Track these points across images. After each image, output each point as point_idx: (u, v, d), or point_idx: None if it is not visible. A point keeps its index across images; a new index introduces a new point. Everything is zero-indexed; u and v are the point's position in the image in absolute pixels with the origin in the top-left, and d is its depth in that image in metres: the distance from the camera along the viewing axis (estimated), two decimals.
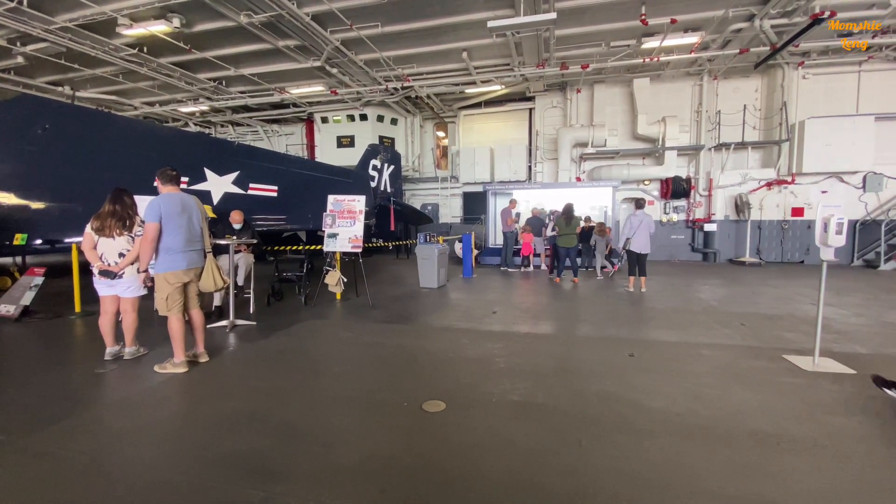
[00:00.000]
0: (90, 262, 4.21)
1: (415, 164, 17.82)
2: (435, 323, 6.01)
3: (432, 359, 4.47)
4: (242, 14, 9.62)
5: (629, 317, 6.40)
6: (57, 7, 9.47)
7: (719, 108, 13.70)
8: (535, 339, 5.15)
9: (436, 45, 11.54)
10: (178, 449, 2.73)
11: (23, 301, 6.27)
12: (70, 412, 3.24)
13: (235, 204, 7.82)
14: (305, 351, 4.91)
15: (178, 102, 15.91)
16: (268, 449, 2.72)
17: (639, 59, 11.84)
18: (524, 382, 3.75)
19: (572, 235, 9.25)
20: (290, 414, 3.22)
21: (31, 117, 7.91)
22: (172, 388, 3.74)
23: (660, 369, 4.15)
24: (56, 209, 7.40)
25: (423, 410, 3.23)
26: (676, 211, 14.15)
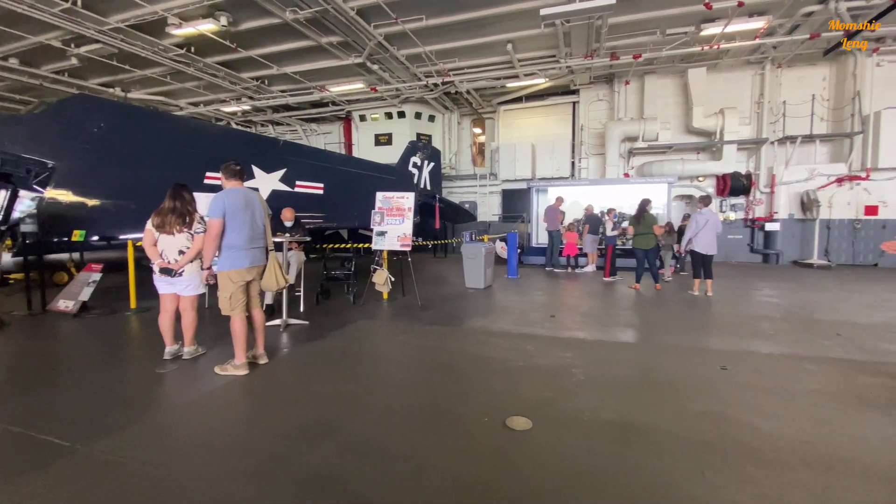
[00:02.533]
0: (150, 259, 4.10)
1: (452, 162, 17.52)
2: (492, 327, 5.67)
3: (500, 367, 4.13)
4: (288, 10, 9.56)
5: (704, 323, 5.87)
6: (109, 7, 9.66)
7: (783, 98, 12.72)
8: (609, 347, 4.73)
9: (479, 37, 11.17)
10: (253, 465, 2.50)
11: (81, 297, 6.34)
12: (135, 417, 3.09)
13: (283, 201, 7.71)
14: (363, 354, 4.68)
15: (222, 102, 16.18)
16: (349, 469, 2.45)
17: (696, 47, 11.09)
18: (613, 398, 3.36)
19: (650, 235, 8.22)
20: (363, 426, 2.95)
21: (87, 116, 8.08)
22: (235, 392, 3.56)
23: (764, 386, 3.67)
24: (111, 206, 7.50)
25: (509, 428, 2.90)
26: (734, 209, 13.26)
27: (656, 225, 8.44)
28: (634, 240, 8.46)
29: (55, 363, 4.46)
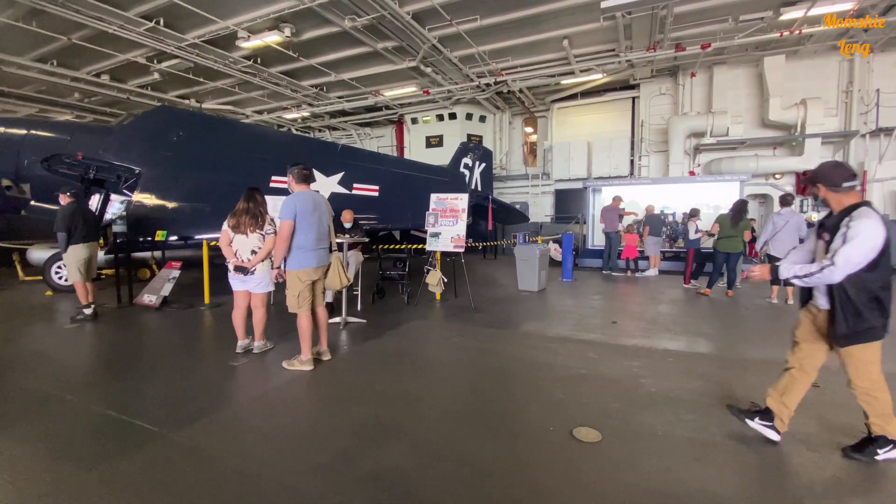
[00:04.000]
0: (226, 258, 4.36)
1: (502, 162, 17.35)
2: (549, 332, 5.51)
3: (561, 374, 3.99)
4: (347, 18, 9.86)
5: (786, 335, 5.32)
6: (187, 25, 10.46)
7: (876, 86, 11.42)
8: (680, 357, 4.44)
9: (534, 34, 10.96)
10: (322, 459, 2.56)
11: (163, 292, 6.88)
12: (213, 406, 3.28)
13: (341, 204, 7.97)
14: (421, 354, 4.70)
15: (283, 109, 17.05)
16: (413, 470, 2.45)
17: (774, 33, 10.21)
18: (689, 413, 3.14)
19: (738, 239, 7.66)
20: (426, 428, 2.95)
21: (167, 126, 8.79)
22: (302, 387, 3.69)
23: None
24: (188, 208, 8.09)
25: (576, 439, 2.78)
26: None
27: (747, 230, 7.81)
28: (719, 242, 7.77)
29: (143, 353, 4.86)
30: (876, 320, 2.38)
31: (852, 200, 2.45)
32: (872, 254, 2.30)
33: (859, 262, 2.29)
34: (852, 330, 2.41)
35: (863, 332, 2.41)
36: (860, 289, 2.36)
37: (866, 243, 2.28)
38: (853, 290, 2.37)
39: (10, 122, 9.65)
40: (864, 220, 2.30)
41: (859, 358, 2.50)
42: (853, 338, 2.43)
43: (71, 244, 5.93)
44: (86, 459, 2.55)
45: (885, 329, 2.43)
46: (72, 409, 3.29)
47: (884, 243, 2.31)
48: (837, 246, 2.33)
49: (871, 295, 2.36)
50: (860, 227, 2.28)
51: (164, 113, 9.77)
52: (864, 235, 2.27)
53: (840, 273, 2.31)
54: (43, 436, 2.86)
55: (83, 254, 5.98)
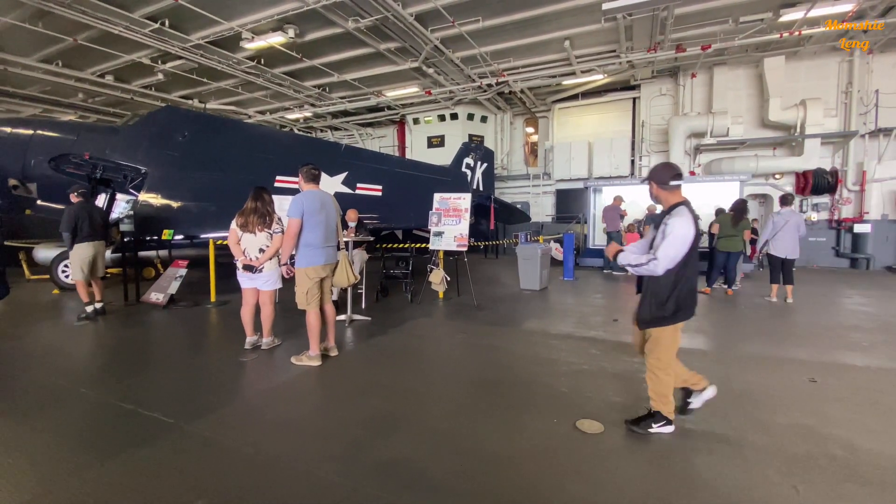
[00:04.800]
0: (235, 256, 4.45)
1: (504, 162, 17.42)
2: (551, 329, 5.60)
3: (564, 370, 4.08)
4: (350, 20, 9.94)
5: (785, 332, 5.45)
6: (192, 26, 10.54)
7: (875, 87, 11.49)
8: (681, 354, 4.43)
9: (536, 35, 11.03)
10: (334, 449, 2.65)
11: (170, 290, 6.97)
12: (225, 400, 3.37)
13: (345, 203, 8.03)
14: (425, 351, 4.79)
15: (286, 110, 17.12)
16: (423, 459, 2.54)
17: (774, 34, 10.28)
18: None
19: (738, 239, 7.76)
20: (433, 420, 3.04)
21: (173, 126, 8.88)
22: (311, 381, 3.79)
23: (857, 400, 3.37)
24: (194, 208, 8.18)
25: (580, 430, 2.87)
26: (817, 209, 12.15)
27: (747, 230, 7.88)
28: (720, 242, 7.87)
29: (152, 349, 4.96)
30: (673, 308, 2.66)
31: (677, 199, 2.70)
32: (685, 248, 2.56)
33: (675, 256, 2.55)
34: (654, 315, 2.70)
35: (662, 318, 2.69)
36: (666, 280, 2.63)
37: (679, 240, 2.53)
38: (660, 281, 2.64)
39: (17, 123, 9.75)
40: (678, 218, 2.57)
41: (657, 339, 2.76)
42: (653, 322, 2.72)
43: (76, 243, 6.00)
44: (105, 449, 2.65)
45: (682, 317, 2.70)
46: (87, 402, 3.38)
47: (693, 240, 2.58)
48: (658, 242, 2.59)
49: (674, 286, 2.63)
50: (674, 225, 2.54)
51: (170, 113, 9.86)
52: (676, 233, 2.53)
53: (663, 266, 2.56)
54: (61, 427, 2.96)
55: (87, 253, 6.03)
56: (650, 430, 2.78)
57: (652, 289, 2.70)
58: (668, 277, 2.62)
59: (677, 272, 2.61)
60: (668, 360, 2.78)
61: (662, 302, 2.66)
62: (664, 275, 2.61)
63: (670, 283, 2.63)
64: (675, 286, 2.64)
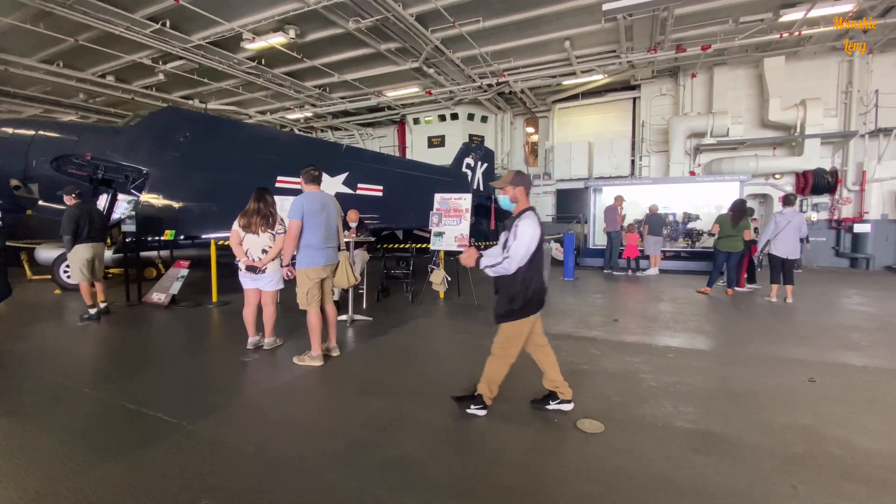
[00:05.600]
0: (237, 257, 4.47)
1: (504, 162, 17.43)
2: (552, 329, 5.60)
3: (564, 369, 3.99)
4: (351, 20, 9.96)
5: (785, 332, 5.47)
6: (193, 26, 10.56)
7: (875, 87, 11.50)
8: (681, 354, 4.54)
9: (536, 35, 11.05)
10: (337, 448, 2.68)
11: (172, 290, 7.00)
12: (228, 400, 3.40)
13: (346, 203, 8.05)
14: (426, 351, 4.81)
15: (286, 110, 17.14)
16: (424, 457, 2.56)
17: (774, 34, 10.29)
18: (689, 406, 3.25)
19: (739, 238, 7.75)
20: (434, 419, 3.07)
21: (174, 127, 8.89)
22: (313, 381, 3.81)
23: (856, 399, 3.40)
24: (196, 208, 8.19)
25: (580, 430, 2.89)
26: (817, 209, 12.16)
27: (747, 229, 7.88)
28: (720, 242, 7.83)
29: (155, 349, 4.98)
30: (522, 303, 2.91)
31: (528, 205, 3.00)
32: (532, 247, 2.83)
33: (524, 256, 2.83)
34: (506, 310, 2.95)
35: (513, 312, 2.94)
36: (514, 279, 2.88)
37: (525, 241, 2.81)
38: (511, 279, 2.88)
39: (19, 123, 9.77)
40: (527, 220, 2.86)
41: (504, 332, 3.03)
42: (506, 316, 2.97)
43: (76, 244, 5.95)
44: (109, 448, 2.67)
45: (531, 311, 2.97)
46: (91, 402, 3.41)
47: (537, 243, 2.85)
48: (511, 242, 2.85)
49: (522, 282, 2.88)
50: (523, 227, 2.83)
51: (171, 114, 9.88)
52: (524, 235, 2.81)
53: (514, 265, 2.83)
54: (65, 427, 2.98)
55: (87, 254, 5.99)
56: (468, 410, 3.06)
57: (504, 286, 2.94)
58: (517, 275, 2.87)
59: (525, 270, 2.87)
60: (513, 352, 3.02)
61: (513, 297, 2.90)
62: (515, 273, 2.86)
63: (519, 280, 2.88)
64: (524, 283, 2.89)
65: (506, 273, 2.87)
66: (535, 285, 2.93)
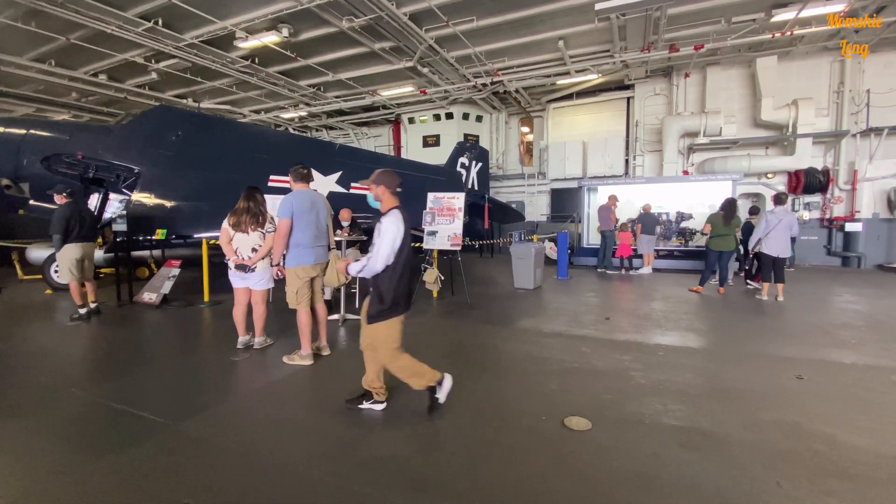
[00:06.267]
0: (226, 255, 4.44)
1: (499, 161, 17.46)
2: (544, 327, 5.62)
3: (554, 367, 4.11)
4: (344, 19, 9.93)
5: (775, 330, 5.50)
6: (185, 25, 10.50)
7: (867, 86, 11.58)
8: (671, 352, 4.56)
9: (530, 35, 11.06)
10: (324, 447, 2.67)
11: (163, 290, 6.96)
12: (217, 399, 3.38)
13: (340, 203, 8.05)
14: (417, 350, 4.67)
15: (281, 109, 17.07)
16: (412, 457, 2.56)
17: (766, 34, 10.35)
18: (677, 404, 3.25)
19: (731, 237, 7.78)
20: (422, 418, 3.06)
21: (166, 126, 8.84)
22: (303, 380, 3.80)
23: (843, 397, 3.42)
24: (187, 207, 8.16)
25: (568, 428, 2.89)
26: (808, 208, 12.23)
27: (739, 227, 7.93)
28: (712, 241, 7.86)
29: (145, 349, 4.94)
30: (391, 302, 2.92)
31: (394, 204, 2.98)
32: (397, 244, 2.84)
33: (389, 254, 2.83)
34: (378, 310, 2.93)
35: (383, 312, 2.93)
36: (382, 279, 2.89)
37: (388, 239, 2.81)
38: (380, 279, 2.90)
39: (10, 122, 9.69)
40: (391, 219, 2.86)
41: (377, 332, 2.99)
42: (378, 316, 2.94)
43: (66, 243, 5.87)
44: (96, 448, 2.65)
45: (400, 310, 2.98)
46: (79, 402, 3.38)
47: (402, 241, 2.87)
48: (376, 241, 2.86)
49: (390, 282, 2.90)
50: (385, 225, 2.84)
51: (163, 112, 9.83)
52: (387, 232, 2.82)
53: (380, 262, 2.84)
54: (52, 426, 2.96)
55: (76, 253, 5.92)
56: (361, 405, 3.16)
57: (374, 286, 2.94)
58: (385, 274, 2.88)
59: (392, 269, 2.89)
60: (392, 351, 3.02)
61: (382, 296, 2.91)
62: (383, 273, 2.88)
63: (387, 279, 2.89)
64: (392, 282, 2.90)
65: (374, 272, 2.88)
66: (404, 282, 2.97)
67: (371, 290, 2.99)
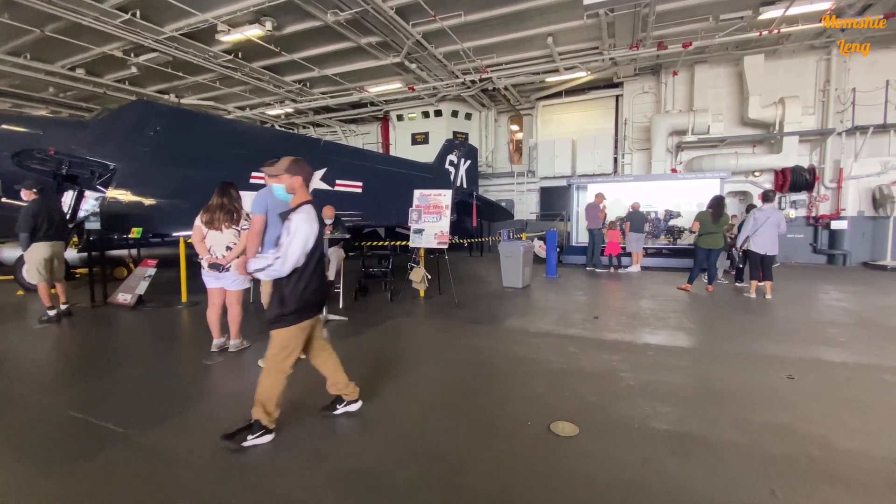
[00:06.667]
0: (199, 254, 4.24)
1: (488, 160, 17.34)
2: (531, 327, 5.50)
3: (541, 369, 3.98)
4: (329, 13, 9.71)
5: (764, 328, 5.44)
6: (164, 17, 10.18)
7: (853, 85, 11.66)
8: (659, 351, 4.46)
9: (519, 31, 10.92)
10: (294, 459, 2.50)
11: (138, 291, 6.70)
12: (184, 406, 3.19)
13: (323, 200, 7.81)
14: (401, 352, 4.64)
15: (266, 105, 16.74)
16: (388, 467, 2.40)
17: (754, 32, 10.35)
18: (666, 406, 3.14)
19: (719, 235, 7.70)
20: (402, 425, 2.91)
21: (144, 120, 8.54)
22: None
23: (835, 397, 3.34)
24: (166, 205, 7.88)
25: (554, 433, 2.76)
26: (795, 206, 12.30)
27: (726, 225, 7.87)
28: (701, 239, 7.78)
29: (115, 353, 4.71)
30: (296, 306, 2.59)
31: (306, 198, 2.68)
32: (309, 245, 2.55)
33: (299, 256, 2.51)
34: (275, 315, 2.61)
35: (284, 317, 2.59)
36: (286, 281, 2.57)
37: (300, 239, 2.49)
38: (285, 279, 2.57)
39: None
40: (300, 215, 2.54)
41: (275, 340, 2.65)
42: (278, 321, 2.60)
43: (33, 242, 5.62)
44: (46, 462, 2.45)
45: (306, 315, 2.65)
46: (38, 409, 3.17)
47: (314, 240, 2.58)
48: (283, 240, 2.52)
49: (296, 284, 2.57)
50: (296, 222, 2.51)
51: (141, 107, 9.52)
52: (299, 231, 2.49)
53: (289, 265, 2.50)
54: (9, 435, 2.76)
55: (44, 253, 5.67)
56: (245, 443, 2.58)
57: (277, 288, 2.63)
58: (291, 277, 2.57)
59: (300, 272, 2.58)
60: (288, 363, 2.67)
61: (283, 300, 2.58)
62: (290, 273, 2.56)
63: (293, 281, 2.58)
64: (297, 284, 2.58)
65: (279, 275, 2.55)
66: (312, 286, 2.65)
67: (272, 291, 2.65)
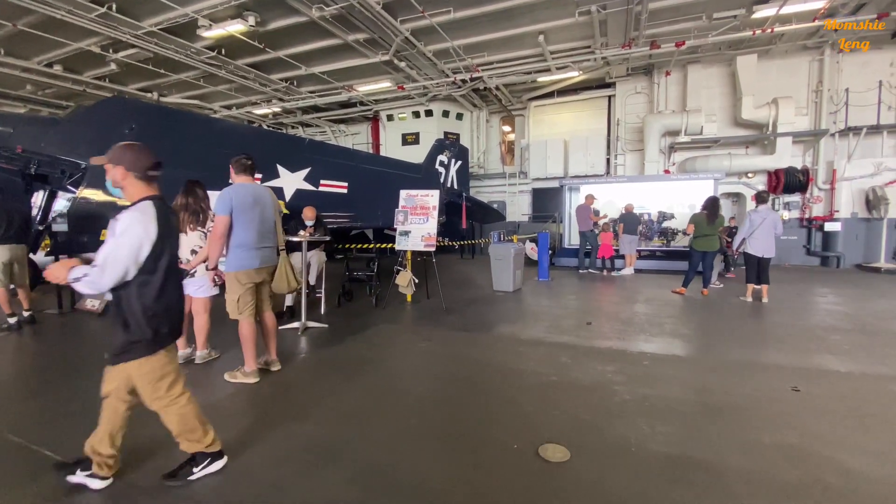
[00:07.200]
0: None
1: (480, 160, 17.11)
2: (522, 334, 5.24)
3: (531, 381, 3.71)
4: (314, 7, 9.40)
5: (763, 335, 5.22)
6: (142, 11, 9.81)
7: (845, 85, 11.58)
8: (656, 361, 4.21)
9: (510, 28, 10.70)
10: (246, 493, 2.20)
11: (107, 297, 6.31)
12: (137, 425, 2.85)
13: (307, 201, 7.54)
14: (382, 363, 4.34)
15: (253, 104, 16.38)
16: (352, 500, 2.12)
17: (747, 31, 10.22)
18: (666, 425, 2.88)
19: (714, 237, 7.49)
20: (375, 450, 2.62)
21: (119, 118, 8.17)
22: (241, 403, 3.31)
23: (844, 412, 3.10)
24: None
25: (542, 458, 2.49)
26: (788, 207, 12.19)
27: (723, 227, 7.68)
28: (696, 241, 7.57)
29: (75, 364, 4.35)
30: (154, 328, 2.08)
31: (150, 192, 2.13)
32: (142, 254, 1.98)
33: (125, 266, 1.93)
34: (121, 344, 2.06)
35: (138, 344, 2.07)
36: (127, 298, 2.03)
37: (125, 246, 1.93)
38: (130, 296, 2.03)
39: None
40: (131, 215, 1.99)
41: (140, 377, 2.12)
42: (128, 352, 2.07)
43: None
44: None
45: (166, 339, 2.17)
46: None
47: (155, 249, 2.02)
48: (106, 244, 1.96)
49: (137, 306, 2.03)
50: (125, 224, 1.95)
51: (116, 104, 9.16)
52: (126, 236, 1.93)
53: (107, 278, 1.91)
54: None
55: (3, 256, 5.36)
56: (191, 476, 2.27)
57: (120, 307, 2.06)
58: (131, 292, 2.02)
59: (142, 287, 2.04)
60: (176, 391, 2.22)
61: (127, 324, 2.05)
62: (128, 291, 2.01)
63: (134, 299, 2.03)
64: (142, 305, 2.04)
65: (98, 289, 1.95)
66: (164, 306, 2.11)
67: (112, 313, 2.11)
